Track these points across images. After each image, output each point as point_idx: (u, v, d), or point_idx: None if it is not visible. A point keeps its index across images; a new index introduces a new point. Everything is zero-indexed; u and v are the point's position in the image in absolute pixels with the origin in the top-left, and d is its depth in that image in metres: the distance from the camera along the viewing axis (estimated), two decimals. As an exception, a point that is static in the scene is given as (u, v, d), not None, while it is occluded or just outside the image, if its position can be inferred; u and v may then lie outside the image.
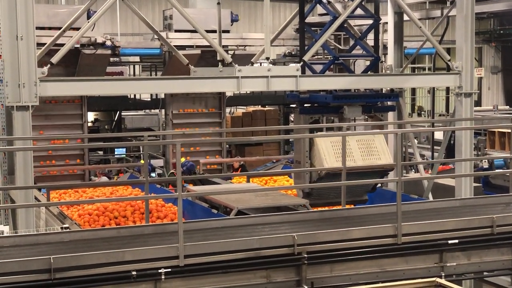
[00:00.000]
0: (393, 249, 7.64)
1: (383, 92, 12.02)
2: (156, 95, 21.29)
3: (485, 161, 16.92)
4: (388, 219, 8.02)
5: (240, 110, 25.11)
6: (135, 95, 21.13)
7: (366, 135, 10.84)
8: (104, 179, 16.11)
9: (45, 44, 10.31)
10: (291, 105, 18.90)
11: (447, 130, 13.75)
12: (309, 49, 10.86)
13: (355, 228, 7.67)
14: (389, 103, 11.87)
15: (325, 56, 17.87)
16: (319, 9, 15.06)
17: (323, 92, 11.10)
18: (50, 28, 14.56)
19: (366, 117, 11.72)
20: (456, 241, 7.80)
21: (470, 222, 8.02)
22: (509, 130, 15.83)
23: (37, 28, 8.95)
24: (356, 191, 10.90)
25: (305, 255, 7.24)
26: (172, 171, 16.30)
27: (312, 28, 12.22)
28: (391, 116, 12.59)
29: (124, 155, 20.41)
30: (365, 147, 10.62)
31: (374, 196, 11.75)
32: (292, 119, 19.30)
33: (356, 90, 11.63)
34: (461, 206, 9.04)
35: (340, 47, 17.04)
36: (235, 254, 7.05)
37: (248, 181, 13.62)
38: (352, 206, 10.45)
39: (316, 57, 17.33)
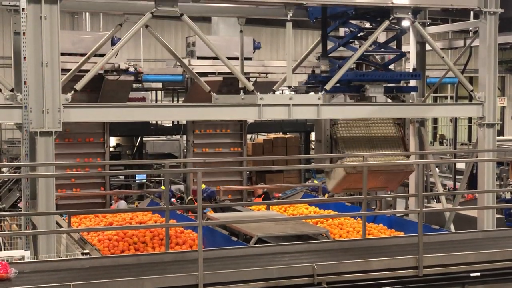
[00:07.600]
0: (414, 281, 7.57)
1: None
2: (178, 121, 21.38)
3: (508, 192, 16.75)
4: (409, 250, 7.95)
5: (261, 137, 25.14)
6: (156, 121, 21.25)
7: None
8: (122, 203, 16.12)
9: (70, 69, 10.44)
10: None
11: (469, 161, 13.62)
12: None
13: (375, 259, 7.61)
14: (411, 83, 11.81)
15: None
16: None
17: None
18: (74, 54, 14.70)
19: (387, 97, 11.62)
20: (478, 274, 7.73)
21: (493, 255, 7.94)
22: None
23: (62, 54, 9.04)
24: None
25: (325, 286, 7.19)
26: (190, 197, 16.29)
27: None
28: (412, 146, 12.53)
29: (145, 180, 20.49)
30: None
31: (395, 226, 11.67)
32: (313, 147, 19.25)
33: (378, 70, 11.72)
34: (483, 238, 8.94)
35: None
36: (255, 283, 7.03)
37: (268, 208, 13.56)
38: (372, 236, 10.39)
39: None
